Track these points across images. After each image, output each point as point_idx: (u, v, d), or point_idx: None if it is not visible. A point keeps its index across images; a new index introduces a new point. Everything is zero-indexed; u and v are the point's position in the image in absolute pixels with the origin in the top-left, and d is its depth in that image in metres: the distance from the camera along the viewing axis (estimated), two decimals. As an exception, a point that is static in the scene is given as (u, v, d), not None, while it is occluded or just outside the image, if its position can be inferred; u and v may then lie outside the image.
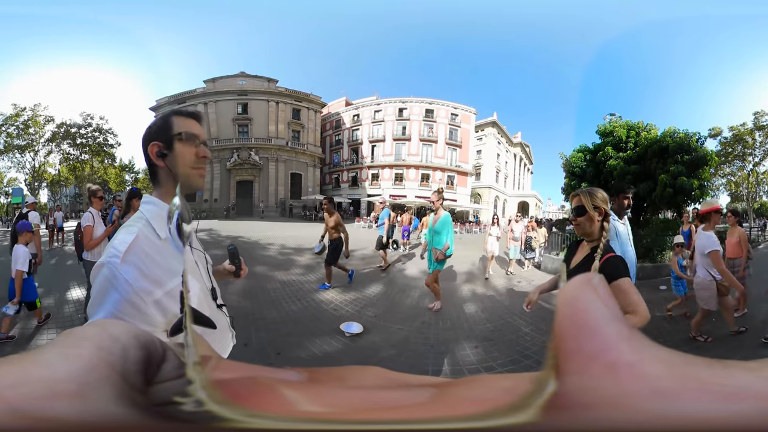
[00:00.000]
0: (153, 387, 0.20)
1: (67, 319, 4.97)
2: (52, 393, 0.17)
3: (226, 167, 38.64)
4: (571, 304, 0.19)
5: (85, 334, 0.20)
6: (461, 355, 4.10)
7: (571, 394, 0.17)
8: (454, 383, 0.22)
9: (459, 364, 3.89)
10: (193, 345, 0.22)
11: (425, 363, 3.91)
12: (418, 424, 0.17)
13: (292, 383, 0.22)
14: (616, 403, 0.16)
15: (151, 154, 1.07)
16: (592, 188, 1.86)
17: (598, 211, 1.79)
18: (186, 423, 0.18)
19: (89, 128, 35.33)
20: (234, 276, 1.44)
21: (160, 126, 1.10)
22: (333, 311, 5.51)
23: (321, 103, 43.58)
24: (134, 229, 0.99)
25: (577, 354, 0.17)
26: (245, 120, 39.72)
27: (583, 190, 1.84)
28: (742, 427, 0.15)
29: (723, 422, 0.15)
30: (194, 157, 1.10)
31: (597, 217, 1.79)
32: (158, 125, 1.10)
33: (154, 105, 40.79)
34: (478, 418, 0.17)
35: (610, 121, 15.28)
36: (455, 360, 3.99)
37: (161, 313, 0.93)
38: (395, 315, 5.50)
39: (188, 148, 1.09)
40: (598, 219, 1.79)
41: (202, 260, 1.21)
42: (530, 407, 0.17)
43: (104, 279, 0.90)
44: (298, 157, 41.09)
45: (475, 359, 4.02)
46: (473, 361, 3.98)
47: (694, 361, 0.17)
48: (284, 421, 0.17)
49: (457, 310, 5.82)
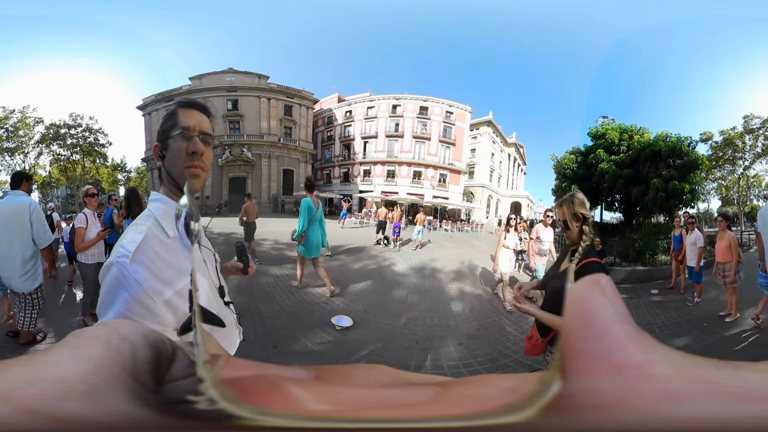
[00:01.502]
0: (164, 386, 0.21)
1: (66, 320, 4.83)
2: (62, 393, 0.17)
3: (218, 164, 38.31)
4: (579, 304, 0.19)
5: (95, 334, 0.20)
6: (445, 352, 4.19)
7: (578, 394, 0.17)
8: (457, 382, 0.22)
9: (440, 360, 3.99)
10: (202, 343, 0.22)
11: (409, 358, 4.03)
12: (421, 422, 0.17)
13: (299, 381, 0.22)
14: (624, 404, 0.16)
15: (155, 155, 1.06)
16: (572, 194, 1.86)
17: (576, 217, 1.80)
18: (199, 421, 0.18)
19: (79, 128, 35.26)
20: (242, 273, 1.44)
21: (162, 123, 1.07)
22: (324, 305, 5.66)
23: (313, 99, 43.23)
24: (143, 228, 0.96)
25: (584, 355, 0.17)
26: (236, 116, 39.41)
27: (565, 199, 1.85)
28: (752, 428, 0.15)
29: (733, 424, 0.15)
30: (184, 154, 1.01)
31: (576, 223, 1.81)
32: (161, 123, 1.07)
33: (141, 104, 40.43)
34: (480, 416, 0.17)
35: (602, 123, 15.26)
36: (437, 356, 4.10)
37: (172, 312, 0.91)
38: (384, 309, 5.66)
39: (179, 144, 1.02)
40: (576, 225, 1.81)
41: (211, 258, 1.19)
42: (532, 407, 0.17)
43: (113, 279, 0.87)
44: (290, 154, 40.86)
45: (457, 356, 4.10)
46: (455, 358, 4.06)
47: (703, 362, 0.17)
48: (293, 419, 0.17)
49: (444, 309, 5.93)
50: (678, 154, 12.83)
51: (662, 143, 12.98)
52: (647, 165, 13.13)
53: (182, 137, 1.01)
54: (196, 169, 1.03)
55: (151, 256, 0.91)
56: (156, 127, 1.03)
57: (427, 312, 5.59)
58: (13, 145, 31.98)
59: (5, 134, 31.42)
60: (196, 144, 1.02)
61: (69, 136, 34.74)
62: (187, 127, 1.02)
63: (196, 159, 1.02)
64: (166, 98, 38.97)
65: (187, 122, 1.03)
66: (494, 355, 4.12)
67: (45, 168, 35.50)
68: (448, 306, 6.00)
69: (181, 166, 1.02)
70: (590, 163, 14.54)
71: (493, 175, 48.65)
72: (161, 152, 1.04)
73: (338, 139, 45.02)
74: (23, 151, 32.62)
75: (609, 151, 14.22)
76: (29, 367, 0.18)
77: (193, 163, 1.02)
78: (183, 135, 1.01)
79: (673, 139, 13.06)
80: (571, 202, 1.81)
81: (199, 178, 1.04)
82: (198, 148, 1.01)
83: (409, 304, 5.96)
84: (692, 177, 12.89)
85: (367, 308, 5.60)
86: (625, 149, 13.88)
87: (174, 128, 1.02)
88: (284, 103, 40.99)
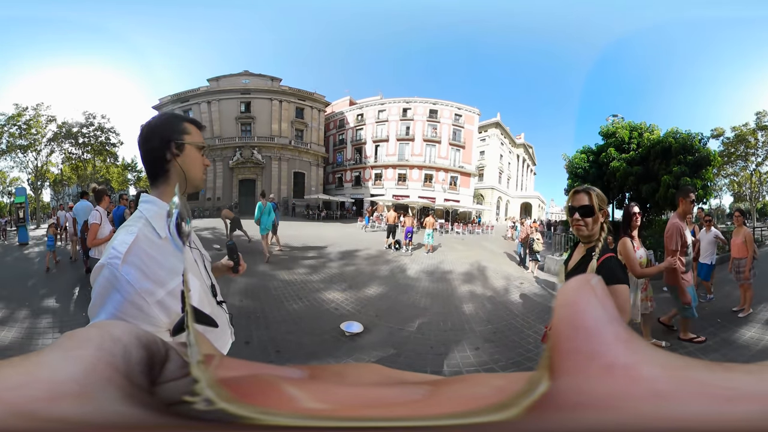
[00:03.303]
0: (158, 387, 0.21)
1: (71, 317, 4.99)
2: (54, 394, 0.17)
3: (228, 166, 38.63)
4: (569, 305, 0.19)
5: (87, 335, 0.20)
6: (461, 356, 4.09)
7: (566, 394, 0.17)
8: (449, 381, 0.22)
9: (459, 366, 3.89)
10: (195, 344, 0.22)
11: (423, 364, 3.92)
12: (411, 421, 0.17)
13: (293, 380, 0.22)
14: (612, 404, 0.16)
15: (168, 152, 1.09)
16: (592, 187, 1.81)
17: (602, 211, 1.74)
18: (195, 421, 0.18)
19: (91, 127, 35.38)
20: (233, 272, 1.44)
21: (172, 127, 1.12)
22: (334, 310, 5.53)
23: (325, 102, 43.52)
24: (134, 229, 0.98)
25: (573, 354, 0.17)
26: (248, 118, 39.69)
27: (590, 188, 1.78)
28: (741, 429, 0.15)
29: (723, 425, 0.15)
30: (202, 165, 1.17)
31: (601, 217, 1.74)
32: (170, 126, 1.13)
33: (157, 104, 40.72)
34: (469, 415, 0.17)
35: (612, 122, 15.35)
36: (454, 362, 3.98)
37: (164, 313, 0.93)
38: (396, 314, 5.51)
39: (199, 155, 1.15)
40: (601, 219, 1.74)
41: (201, 258, 1.21)
42: (519, 405, 0.17)
43: (105, 280, 0.89)
44: (301, 156, 41.10)
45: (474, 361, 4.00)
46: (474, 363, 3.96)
47: (694, 364, 0.17)
48: (288, 418, 0.17)
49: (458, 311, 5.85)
50: (689, 151, 12.82)
51: (672, 140, 12.98)
52: (657, 162, 13.17)
53: (203, 151, 1.18)
54: (204, 174, 1.22)
55: (143, 257, 0.93)
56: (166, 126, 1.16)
57: (441, 316, 5.48)
58: (26, 142, 32.14)
59: (18, 131, 31.63)
60: (206, 159, 1.21)
61: (81, 134, 34.91)
62: (204, 145, 1.19)
63: (204, 170, 1.21)
64: (182, 99, 39.45)
65: (200, 139, 1.18)
66: (516, 358, 4.03)
67: (57, 166, 35.75)
68: (461, 309, 5.91)
69: (200, 173, 1.17)
70: (601, 161, 14.64)
71: (503, 177, 48.60)
72: (175, 151, 1.11)
73: (350, 143, 45.28)
74: (35, 148, 32.80)
75: (620, 149, 14.28)
76: (21, 368, 0.18)
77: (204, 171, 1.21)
78: (203, 149, 1.18)
79: (684, 136, 13.02)
80: (595, 193, 1.75)
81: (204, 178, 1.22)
82: (207, 162, 1.21)
83: (421, 309, 5.86)
84: (704, 173, 12.85)
85: (378, 313, 5.47)
86: (635, 147, 13.94)
87: (184, 133, 1.13)
88: (296, 106, 41.26)
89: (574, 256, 1.91)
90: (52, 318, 4.86)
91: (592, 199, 1.73)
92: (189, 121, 1.17)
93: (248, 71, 40.46)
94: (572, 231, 1.85)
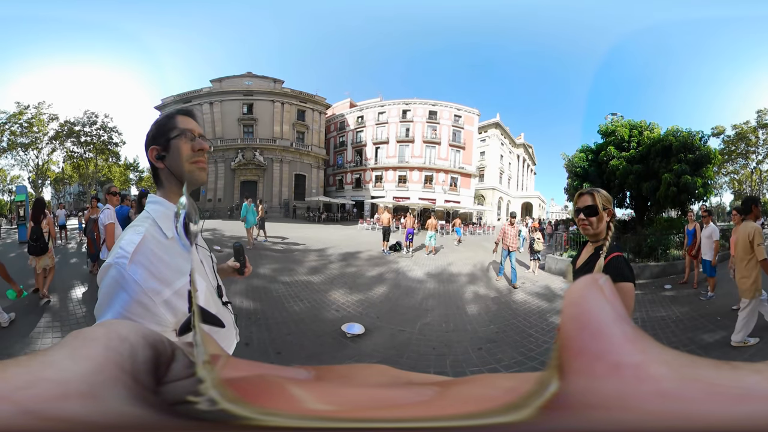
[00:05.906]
0: (164, 386, 0.21)
1: (71, 316, 5.04)
2: (62, 394, 0.17)
3: (230, 167, 38.73)
4: (577, 304, 0.19)
5: (94, 334, 0.20)
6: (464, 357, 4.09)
7: (575, 394, 0.17)
8: (456, 382, 0.22)
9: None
10: (202, 344, 0.22)
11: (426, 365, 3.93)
12: (420, 422, 0.17)
13: (299, 381, 0.22)
14: (620, 403, 0.16)
15: (151, 158, 1.09)
16: (597, 188, 1.87)
17: (606, 210, 1.80)
18: (200, 421, 0.18)
19: (93, 126, 35.53)
20: (238, 273, 1.44)
21: (156, 130, 1.12)
22: (335, 312, 5.53)
23: (326, 104, 43.68)
24: (141, 229, 0.98)
25: (581, 354, 0.17)
26: (250, 120, 39.83)
27: (594, 189, 1.84)
28: (749, 428, 0.15)
29: (730, 424, 0.15)
30: (191, 151, 1.11)
31: (606, 216, 1.80)
32: (154, 130, 1.13)
33: (160, 104, 40.90)
34: (479, 416, 0.17)
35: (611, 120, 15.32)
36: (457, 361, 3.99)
37: (171, 312, 0.93)
38: (398, 316, 5.51)
39: (184, 143, 1.10)
40: (606, 219, 1.80)
41: (207, 259, 1.21)
42: (530, 406, 0.17)
43: (112, 280, 0.89)
44: (302, 158, 41.20)
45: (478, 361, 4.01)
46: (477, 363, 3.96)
47: (701, 363, 0.17)
48: (294, 419, 0.17)
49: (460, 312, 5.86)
50: (689, 149, 12.79)
51: (672, 138, 12.93)
52: (658, 160, 13.12)
53: (187, 138, 1.10)
54: (202, 162, 1.12)
55: (150, 256, 0.93)
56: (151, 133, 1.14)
57: (443, 317, 5.48)
58: (28, 140, 32.21)
59: (19, 129, 31.68)
60: (202, 142, 1.12)
61: (83, 133, 34.93)
62: (191, 130, 1.12)
63: (201, 155, 1.12)
64: (185, 99, 39.55)
65: (188, 125, 1.12)
66: (519, 358, 4.04)
67: (58, 164, 35.98)
68: (463, 310, 5.91)
69: (188, 163, 1.09)
70: (601, 160, 14.61)
71: (503, 177, 48.60)
72: (160, 154, 1.09)
73: (350, 145, 45.37)
74: (37, 146, 32.90)
75: (619, 148, 14.24)
76: (28, 368, 0.18)
77: (200, 158, 1.11)
78: (188, 136, 1.11)
79: (684, 134, 12.95)
80: (601, 194, 1.81)
81: (205, 171, 1.14)
82: (204, 145, 1.12)
83: (423, 310, 5.85)
84: (704, 171, 12.80)
85: (379, 315, 5.45)
86: (635, 145, 13.92)
87: (174, 130, 1.10)
88: (297, 108, 41.39)
89: (582, 254, 1.96)
90: (52, 317, 4.89)
91: (596, 200, 1.79)
92: (174, 114, 1.15)
93: (251, 73, 40.66)
94: (579, 230, 1.92)
